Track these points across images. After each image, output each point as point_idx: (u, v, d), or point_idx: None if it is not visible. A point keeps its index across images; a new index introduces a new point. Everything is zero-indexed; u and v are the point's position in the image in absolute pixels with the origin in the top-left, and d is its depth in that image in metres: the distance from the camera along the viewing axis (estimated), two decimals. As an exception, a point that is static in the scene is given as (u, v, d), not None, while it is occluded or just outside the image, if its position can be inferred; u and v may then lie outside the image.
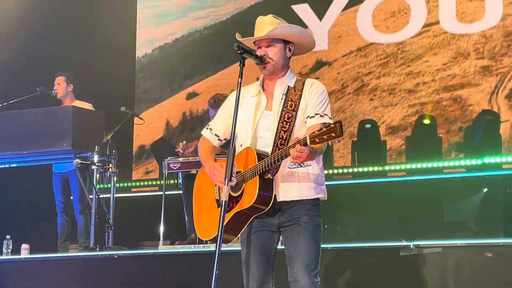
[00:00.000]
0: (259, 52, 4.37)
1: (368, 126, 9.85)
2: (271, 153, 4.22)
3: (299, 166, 4.28)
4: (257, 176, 4.18)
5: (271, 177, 4.23)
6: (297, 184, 4.30)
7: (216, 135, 4.53)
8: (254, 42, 4.45)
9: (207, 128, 4.59)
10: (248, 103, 4.43)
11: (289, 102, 4.34)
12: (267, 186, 4.21)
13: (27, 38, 10.86)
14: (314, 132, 3.94)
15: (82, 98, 9.06)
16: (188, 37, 11.33)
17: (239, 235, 4.38)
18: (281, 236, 4.39)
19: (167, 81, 11.38)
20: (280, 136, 4.27)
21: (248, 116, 4.39)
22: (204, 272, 4.26)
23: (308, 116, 4.29)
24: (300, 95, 4.35)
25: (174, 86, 11.32)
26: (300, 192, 4.30)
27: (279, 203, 4.29)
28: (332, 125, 3.89)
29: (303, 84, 4.41)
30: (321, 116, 4.27)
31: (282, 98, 4.36)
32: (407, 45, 10.20)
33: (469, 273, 6.12)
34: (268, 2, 10.83)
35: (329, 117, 4.30)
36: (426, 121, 9.59)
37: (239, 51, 4.25)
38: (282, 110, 4.32)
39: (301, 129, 4.29)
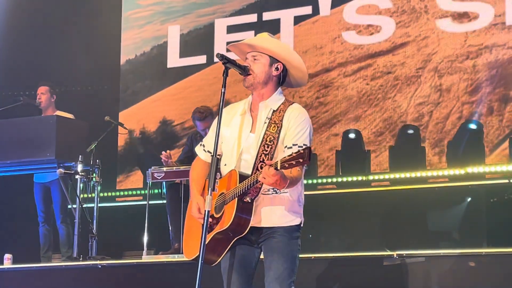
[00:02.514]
0: (245, 63, 4.38)
1: (352, 136, 9.86)
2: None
3: (274, 192, 4.27)
4: (236, 199, 4.18)
5: (250, 200, 4.21)
6: (270, 211, 4.28)
7: (209, 151, 4.50)
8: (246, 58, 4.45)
9: (200, 145, 4.60)
10: (235, 122, 4.43)
11: (272, 125, 4.32)
12: (245, 209, 4.20)
13: (7, 47, 10.82)
14: (285, 157, 3.94)
15: (66, 106, 9.04)
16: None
17: (221, 257, 4.35)
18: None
19: (150, 88, 11.34)
20: (261, 160, 4.24)
21: (234, 137, 4.39)
22: (188, 282, 4.26)
23: (286, 147, 4.25)
24: (283, 118, 4.33)
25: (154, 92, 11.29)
26: (273, 220, 4.29)
27: (253, 227, 4.26)
28: (301, 151, 3.89)
29: (287, 107, 4.37)
30: (299, 147, 4.20)
31: (265, 122, 4.34)
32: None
33: (452, 282, 6.15)
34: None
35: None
36: (410, 131, 9.61)
37: (222, 61, 4.26)
38: (265, 133, 4.30)
39: (281, 154, 4.24)
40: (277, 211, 4.29)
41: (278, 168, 3.94)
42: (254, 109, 4.44)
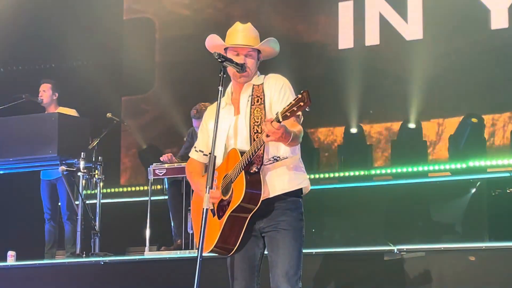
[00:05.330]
0: (238, 60, 4.39)
1: (354, 130, 9.89)
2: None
3: (275, 160, 4.29)
4: (243, 173, 4.19)
5: (257, 170, 4.23)
6: (277, 178, 4.30)
7: (200, 150, 4.59)
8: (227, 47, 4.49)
9: (193, 148, 4.66)
10: (220, 116, 4.40)
11: (256, 98, 4.37)
12: (254, 181, 4.21)
13: (11, 44, 10.83)
14: (284, 107, 3.97)
15: (69, 104, 9.05)
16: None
17: (239, 242, 4.31)
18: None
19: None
20: (255, 131, 4.28)
21: (222, 128, 4.40)
22: (190, 278, 4.27)
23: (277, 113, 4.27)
24: (263, 89, 4.39)
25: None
26: (282, 186, 4.30)
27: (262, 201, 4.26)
28: (300, 95, 3.91)
29: (264, 79, 4.45)
30: None
31: (248, 101, 4.40)
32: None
33: (452, 277, 6.16)
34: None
35: None
36: (411, 125, 9.63)
37: (219, 59, 4.29)
38: (251, 107, 4.36)
39: None
40: (285, 177, 4.31)
41: (280, 120, 3.96)
42: (236, 95, 4.50)
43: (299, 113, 4.03)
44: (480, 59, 9.53)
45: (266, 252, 4.40)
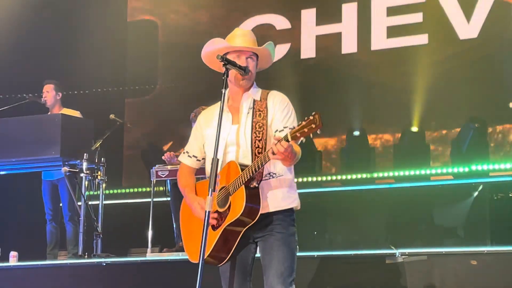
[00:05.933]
0: (240, 62, 4.39)
1: (356, 133, 9.89)
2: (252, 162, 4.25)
3: (271, 177, 4.32)
4: (243, 187, 4.20)
5: (257, 185, 4.24)
6: (271, 195, 4.31)
7: (194, 156, 4.57)
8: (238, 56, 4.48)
9: (184, 153, 4.63)
10: (216, 122, 4.38)
11: (258, 112, 4.38)
12: (253, 196, 4.22)
13: (15, 45, 10.84)
14: (294, 127, 3.99)
15: (72, 105, 9.06)
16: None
17: (231, 253, 4.33)
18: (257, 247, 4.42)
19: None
20: (256, 146, 4.29)
21: (220, 135, 4.37)
22: (192, 280, 4.29)
23: (277, 130, 4.30)
24: (267, 105, 4.39)
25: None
26: (275, 203, 4.32)
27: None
28: (311, 117, 3.92)
29: (267, 95, 4.44)
30: (290, 129, 4.21)
31: (248, 113, 4.40)
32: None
33: (454, 281, 6.16)
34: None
35: None
36: (414, 129, 9.63)
37: (222, 62, 4.30)
38: (253, 121, 4.36)
39: (270, 139, 4.30)
40: (278, 194, 4.33)
41: (289, 139, 3.97)
42: (233, 103, 4.48)
43: (310, 134, 4.00)
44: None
45: (258, 254, 4.43)
